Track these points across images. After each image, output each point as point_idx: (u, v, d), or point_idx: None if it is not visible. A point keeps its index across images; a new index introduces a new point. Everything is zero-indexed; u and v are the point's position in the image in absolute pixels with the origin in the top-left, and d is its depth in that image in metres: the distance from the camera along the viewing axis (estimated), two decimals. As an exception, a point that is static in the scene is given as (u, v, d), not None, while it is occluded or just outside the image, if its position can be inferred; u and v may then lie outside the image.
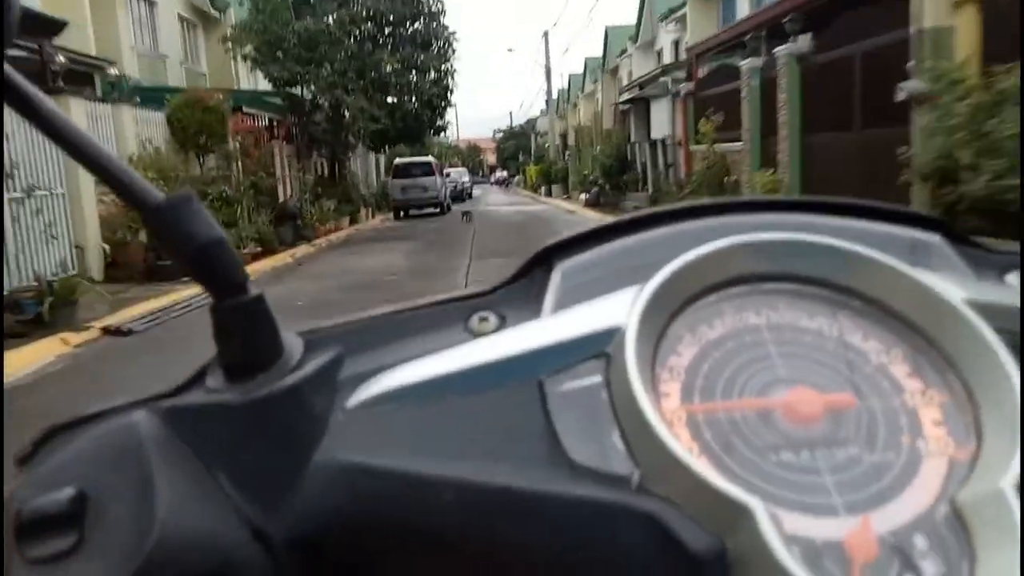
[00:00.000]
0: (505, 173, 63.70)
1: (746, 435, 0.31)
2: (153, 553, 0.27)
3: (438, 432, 0.32)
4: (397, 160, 24.20)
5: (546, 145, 48.54)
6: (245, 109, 14.97)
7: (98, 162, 0.30)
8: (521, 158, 59.40)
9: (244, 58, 17.60)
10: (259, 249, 11.99)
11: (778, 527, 0.27)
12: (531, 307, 0.37)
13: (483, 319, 0.37)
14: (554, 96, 41.72)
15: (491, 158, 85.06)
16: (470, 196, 39.81)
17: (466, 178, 40.63)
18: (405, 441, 0.32)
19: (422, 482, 0.31)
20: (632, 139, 20.97)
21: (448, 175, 34.22)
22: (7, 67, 0.28)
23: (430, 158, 24.66)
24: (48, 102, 0.29)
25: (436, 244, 13.69)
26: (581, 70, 39.83)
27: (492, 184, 67.81)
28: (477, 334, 0.37)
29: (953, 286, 0.34)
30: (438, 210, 22.96)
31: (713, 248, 0.35)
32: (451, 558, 0.31)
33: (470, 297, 0.39)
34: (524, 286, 0.39)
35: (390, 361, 0.35)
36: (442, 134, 25.18)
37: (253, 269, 11.11)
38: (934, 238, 0.39)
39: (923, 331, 0.34)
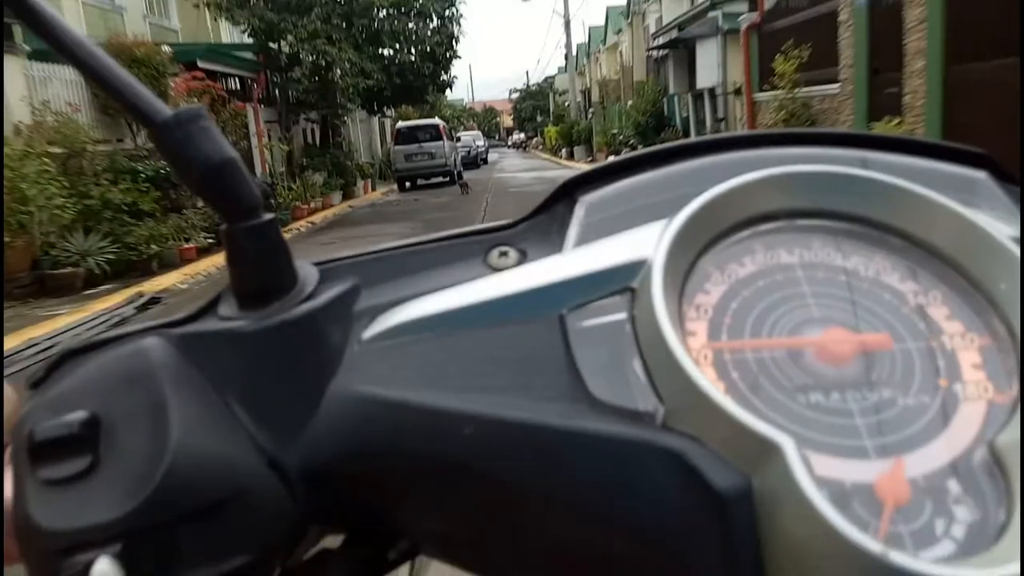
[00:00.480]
0: (522, 135, 60.48)
1: (775, 376, 0.30)
2: (166, 477, 0.27)
3: (456, 365, 0.31)
4: (399, 124, 21.56)
5: (566, 104, 45.39)
6: (203, 65, 12.26)
7: (103, 75, 0.30)
8: (539, 119, 55.92)
9: (207, 4, 14.77)
10: (211, 240, 9.37)
11: (808, 467, 0.26)
12: (553, 242, 0.36)
13: (503, 253, 0.36)
14: (573, 51, 38.47)
15: (508, 121, 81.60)
16: (485, 161, 37.17)
17: (480, 142, 37.83)
18: (422, 374, 0.31)
19: (439, 415, 0.30)
20: (671, 91, 17.95)
21: (459, 139, 31.73)
22: None
23: (437, 120, 22.04)
24: (53, 14, 0.29)
25: (438, 226, 11.04)
26: (602, 21, 36.56)
27: (509, 147, 64.77)
28: (497, 268, 0.36)
29: (998, 223, 0.32)
30: (447, 179, 20.39)
31: (744, 181, 0.33)
32: (467, 493, 0.31)
33: (490, 231, 0.37)
34: (546, 221, 0.37)
35: (407, 293, 0.34)
36: (448, 91, 22.23)
37: (193, 271, 8.52)
38: (980, 175, 0.37)
39: (965, 270, 0.32)
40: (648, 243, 0.32)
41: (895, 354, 0.30)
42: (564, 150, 31.88)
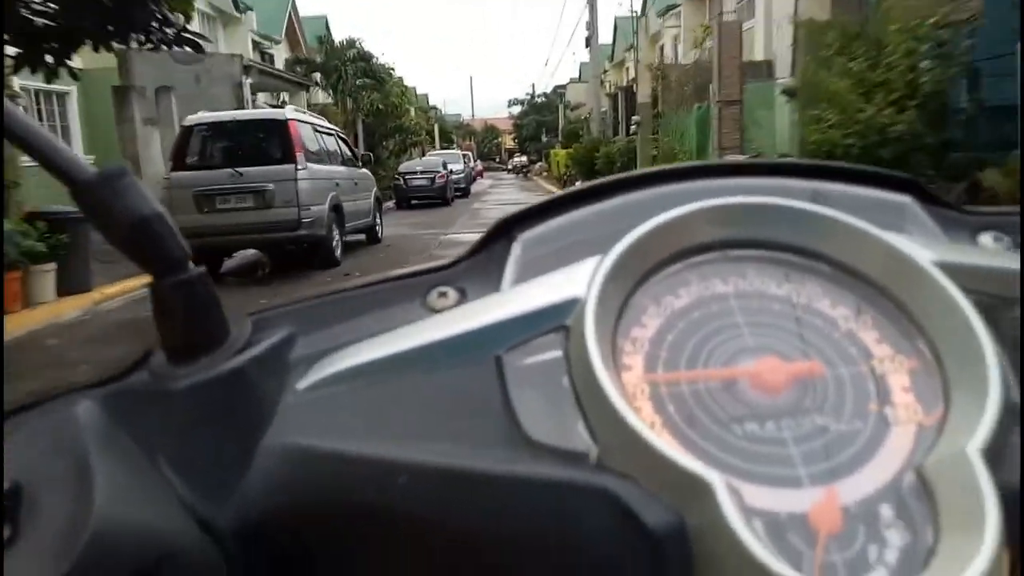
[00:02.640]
0: (523, 159, 48.48)
1: (710, 407, 0.30)
2: (88, 546, 0.26)
3: (392, 412, 0.31)
4: (189, 119, 8.31)
5: (583, 116, 33.82)
6: None
7: (21, 133, 0.29)
8: (544, 139, 44.17)
9: None
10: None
11: (738, 502, 0.26)
12: (492, 280, 0.36)
13: (442, 294, 0.36)
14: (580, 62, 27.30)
15: (510, 141, 69.97)
16: (464, 194, 25.31)
17: (459, 165, 25.76)
18: (358, 423, 0.31)
19: (375, 465, 0.30)
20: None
21: (415, 171, 20.20)
22: None
23: (281, 113, 8.44)
24: None
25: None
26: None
27: (508, 172, 53.03)
28: (435, 309, 0.35)
29: (922, 248, 0.33)
30: (309, 249, 8.12)
31: (676, 214, 0.34)
32: (406, 543, 0.31)
33: (428, 271, 0.37)
34: (484, 259, 0.38)
35: (344, 340, 0.34)
36: (181, 47, 7.10)
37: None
38: (905, 199, 0.38)
39: (892, 295, 0.33)
40: (582, 281, 0.32)
41: (827, 381, 0.31)
42: (579, 181, 20.08)
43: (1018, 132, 4.19)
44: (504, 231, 0.38)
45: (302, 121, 8.52)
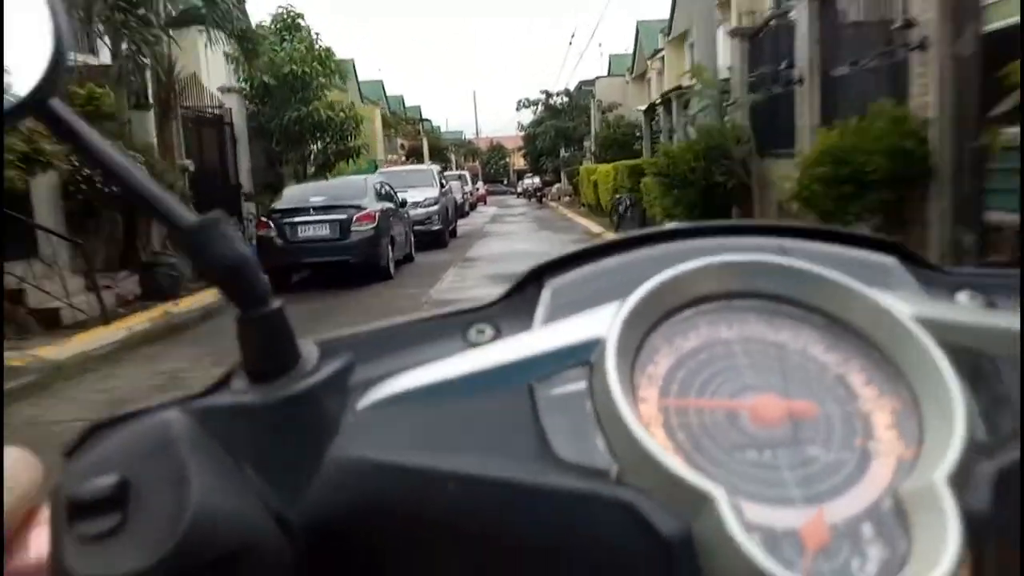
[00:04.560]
0: (536, 180, 37.30)
1: (715, 435, 0.34)
2: (187, 532, 0.30)
3: (439, 431, 0.35)
4: None
5: (620, 120, 23.09)
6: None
7: (133, 185, 0.34)
8: (565, 153, 33.15)
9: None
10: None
11: (739, 514, 0.30)
12: (523, 320, 0.40)
13: (480, 331, 0.40)
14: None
15: (520, 161, 59.12)
16: (444, 242, 14.28)
17: (428, 192, 14.38)
18: (410, 439, 0.35)
19: (425, 475, 0.34)
20: None
21: (306, 206, 9.85)
22: (54, 100, 0.32)
23: None
24: (86, 127, 0.33)
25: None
26: None
27: (518, 196, 41.96)
28: (474, 344, 0.39)
29: (904, 303, 0.37)
30: None
31: (687, 268, 0.38)
32: (450, 543, 0.34)
33: (468, 311, 0.41)
34: (517, 301, 0.42)
35: (396, 368, 0.38)
36: None
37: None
38: (890, 260, 0.42)
39: (877, 344, 0.37)
40: (604, 323, 0.36)
41: (819, 417, 0.34)
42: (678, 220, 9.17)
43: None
44: (536, 277, 0.42)
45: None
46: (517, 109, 32.57)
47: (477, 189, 37.96)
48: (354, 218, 9.93)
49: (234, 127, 14.35)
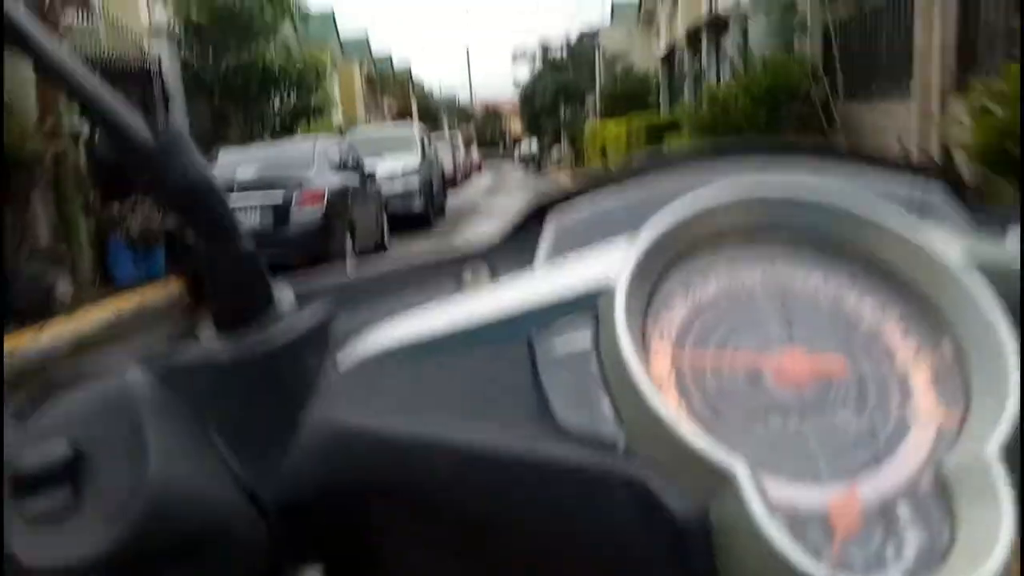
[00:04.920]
0: (534, 144, 34.56)
1: (735, 398, 0.31)
2: (143, 512, 0.28)
3: (428, 392, 0.32)
4: None
5: (630, 70, 20.28)
6: None
7: (90, 95, 0.30)
8: (567, 114, 30.06)
9: None
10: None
11: (760, 493, 0.27)
12: (525, 259, 0.37)
13: (475, 272, 0.37)
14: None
15: (516, 127, 55.88)
16: (427, 222, 11.53)
17: (408, 159, 11.25)
18: (396, 401, 0.32)
19: (412, 444, 0.31)
20: None
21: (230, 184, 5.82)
22: (12, 10, 0.28)
23: None
24: (44, 35, 0.29)
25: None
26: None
27: (516, 163, 39.14)
28: (468, 287, 0.36)
29: (951, 245, 0.33)
30: None
31: (706, 202, 0.34)
32: (439, 522, 0.32)
33: (464, 256, 0.38)
34: (519, 240, 0.38)
35: (381, 317, 0.35)
36: None
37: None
38: (935, 190, 0.38)
39: (919, 291, 0.33)
40: (612, 264, 0.32)
41: (850, 376, 0.31)
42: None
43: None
44: (538, 214, 0.38)
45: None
46: (513, 60, 29.24)
47: (470, 156, 35.11)
48: (295, 199, 7.09)
49: (164, 81, 11.42)
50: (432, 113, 42.03)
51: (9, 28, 0.28)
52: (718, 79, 10.71)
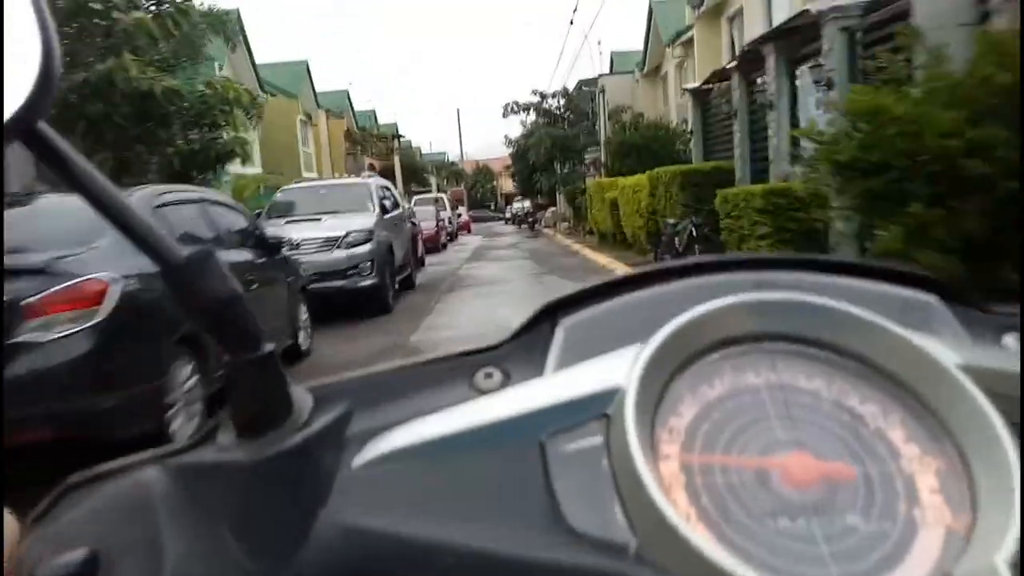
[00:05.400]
0: (526, 204, 31.77)
1: (743, 500, 0.31)
2: None
3: (440, 494, 0.33)
4: None
5: (629, 121, 17.50)
6: None
7: (122, 216, 0.31)
8: (562, 168, 27.09)
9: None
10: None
11: None
12: (535, 363, 0.37)
13: (488, 375, 0.37)
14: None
15: (509, 185, 53.25)
16: (383, 306, 8.22)
17: (362, 220, 8.03)
18: (408, 502, 0.32)
19: (423, 547, 0.31)
20: None
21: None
22: (41, 123, 0.29)
23: None
24: (74, 153, 0.30)
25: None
26: None
27: (507, 222, 36.23)
28: (482, 391, 0.36)
29: (948, 349, 0.33)
30: None
31: (711, 308, 0.35)
32: None
33: (475, 352, 0.38)
34: (529, 341, 0.39)
35: (396, 418, 0.35)
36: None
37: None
38: (930, 298, 0.38)
39: (918, 394, 0.33)
40: (622, 370, 0.33)
41: (857, 479, 0.31)
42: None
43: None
44: (548, 315, 0.39)
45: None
46: (504, 115, 26.49)
47: (459, 216, 32.20)
48: (23, 311, 3.22)
49: None
50: (420, 174, 39.25)
51: (42, 148, 0.29)
52: (793, 113, 7.65)
